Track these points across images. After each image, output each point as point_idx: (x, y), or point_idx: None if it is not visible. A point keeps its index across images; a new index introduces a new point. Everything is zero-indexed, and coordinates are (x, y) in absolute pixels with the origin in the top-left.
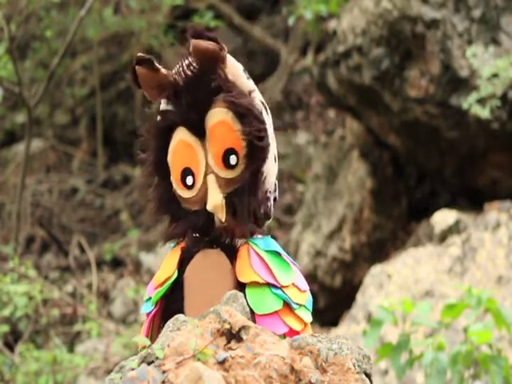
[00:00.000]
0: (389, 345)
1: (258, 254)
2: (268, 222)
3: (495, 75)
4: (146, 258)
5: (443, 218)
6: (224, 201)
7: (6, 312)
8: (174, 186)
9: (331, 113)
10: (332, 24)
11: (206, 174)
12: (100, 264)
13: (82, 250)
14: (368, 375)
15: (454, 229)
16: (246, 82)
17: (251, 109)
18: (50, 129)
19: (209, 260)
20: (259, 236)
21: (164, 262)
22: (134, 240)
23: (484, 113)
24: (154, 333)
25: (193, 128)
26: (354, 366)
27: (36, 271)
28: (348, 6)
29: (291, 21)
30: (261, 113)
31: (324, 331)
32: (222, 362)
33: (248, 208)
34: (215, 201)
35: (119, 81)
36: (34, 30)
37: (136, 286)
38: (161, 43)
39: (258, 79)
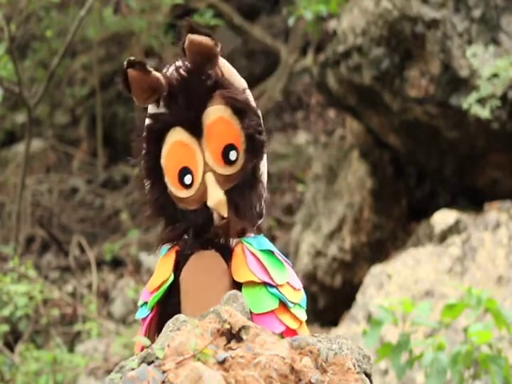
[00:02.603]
0: (389, 345)
1: (252, 254)
2: (260, 222)
3: (495, 75)
4: (146, 258)
5: (443, 217)
6: (225, 197)
7: (6, 312)
8: (170, 187)
9: (331, 113)
10: (332, 24)
11: (204, 173)
12: (100, 264)
13: (82, 250)
14: (368, 375)
15: (454, 229)
16: (239, 80)
17: (249, 104)
18: (50, 129)
19: (204, 262)
20: (252, 235)
21: (158, 266)
22: (134, 240)
23: (484, 113)
24: (150, 338)
25: (190, 127)
26: (354, 366)
27: (36, 271)
28: (348, 6)
29: (291, 21)
30: (257, 108)
31: (324, 331)
32: (222, 362)
33: (250, 203)
34: (217, 197)
35: (119, 81)
36: (33, 30)
37: (136, 285)
38: (161, 43)
39: (258, 79)
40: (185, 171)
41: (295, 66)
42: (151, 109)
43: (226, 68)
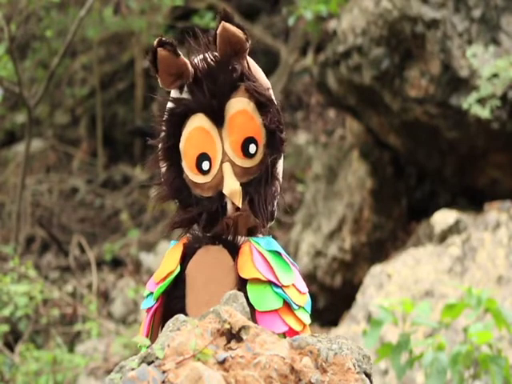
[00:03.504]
0: (389, 345)
1: (259, 253)
2: (271, 224)
3: (495, 75)
4: (146, 258)
5: (443, 218)
6: (241, 188)
7: (6, 312)
8: (187, 171)
9: (331, 113)
10: (332, 24)
11: (222, 162)
12: (100, 264)
13: (82, 250)
14: (368, 375)
15: (454, 229)
16: (264, 78)
17: (273, 100)
18: (50, 129)
19: (211, 256)
20: (260, 235)
21: (165, 257)
22: (134, 240)
23: (484, 113)
24: (154, 328)
25: (212, 115)
26: (354, 366)
27: (36, 271)
28: (348, 6)
29: (291, 21)
30: (280, 107)
31: (324, 331)
32: (222, 362)
33: (264, 199)
34: (232, 187)
35: (119, 81)
36: (33, 30)
37: (136, 286)
38: None
39: None
40: (203, 157)
41: (295, 66)
42: (174, 93)
43: (251, 64)
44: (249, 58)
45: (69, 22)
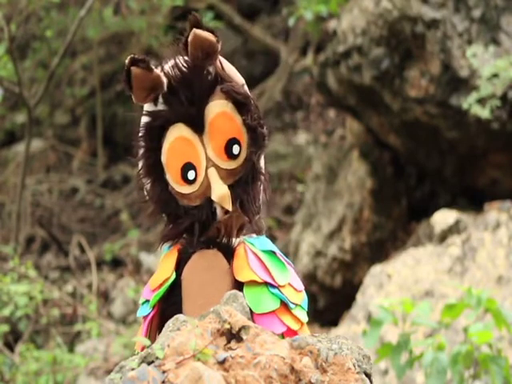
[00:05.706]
0: (389, 345)
1: (254, 254)
2: (256, 218)
3: (495, 75)
4: (146, 258)
5: (443, 218)
6: (229, 191)
7: (6, 312)
8: (172, 183)
9: (331, 113)
10: (332, 24)
11: (206, 168)
12: (100, 264)
13: (82, 250)
14: (368, 375)
15: (454, 229)
16: (238, 75)
17: (250, 97)
18: (50, 129)
19: (206, 260)
20: (254, 235)
21: (160, 264)
22: (134, 240)
23: (484, 113)
24: (152, 336)
25: (192, 123)
26: (354, 366)
27: (36, 271)
28: (348, 6)
29: (291, 22)
30: (256, 102)
31: (324, 331)
32: (222, 362)
33: (253, 197)
34: (221, 191)
35: (119, 81)
36: (33, 30)
37: (136, 286)
38: (161, 43)
39: (258, 79)
40: (188, 167)
41: (295, 66)
42: (148, 107)
43: (224, 63)
44: (220, 57)
45: (69, 21)
